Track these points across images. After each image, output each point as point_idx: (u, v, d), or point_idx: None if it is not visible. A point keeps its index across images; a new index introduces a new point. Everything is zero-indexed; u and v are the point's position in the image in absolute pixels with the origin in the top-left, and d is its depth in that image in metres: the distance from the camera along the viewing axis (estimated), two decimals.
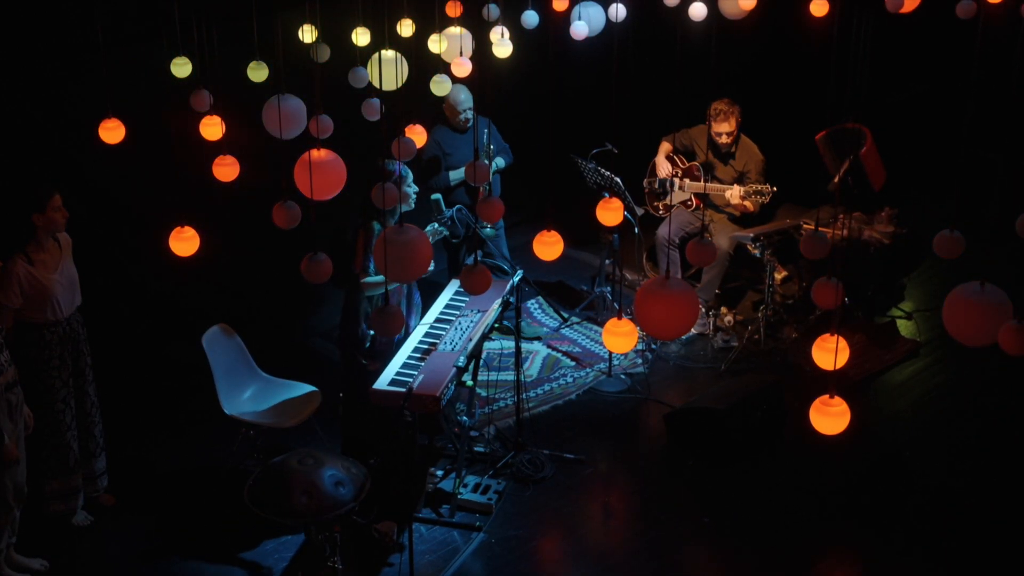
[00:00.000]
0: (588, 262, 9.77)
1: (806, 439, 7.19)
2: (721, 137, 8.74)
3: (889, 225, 9.08)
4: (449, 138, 8.33)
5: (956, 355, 8.41)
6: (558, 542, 6.52)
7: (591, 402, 7.98)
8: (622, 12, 7.49)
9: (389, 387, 6.19)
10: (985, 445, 7.48)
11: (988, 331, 3.74)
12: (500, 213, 4.93)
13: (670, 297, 3.69)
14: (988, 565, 6.35)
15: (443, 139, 8.30)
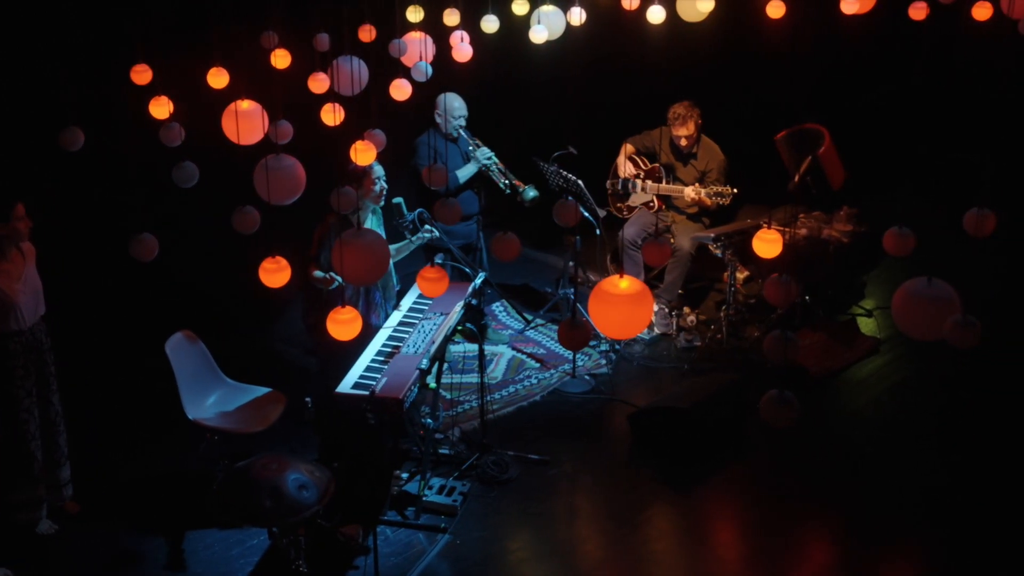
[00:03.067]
0: (552, 264, 9.83)
1: (769, 436, 7.32)
2: (681, 140, 8.82)
3: (848, 224, 9.19)
4: (442, 145, 8.38)
5: (916, 351, 8.53)
6: (523, 543, 6.56)
7: (556, 403, 8.03)
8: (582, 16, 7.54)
9: (352, 390, 6.22)
10: (946, 440, 7.57)
11: (935, 326, 3.81)
12: (457, 216, 4.97)
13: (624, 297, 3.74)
14: (952, 555, 6.43)
15: (438, 146, 8.34)
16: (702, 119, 8.82)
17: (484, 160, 8.29)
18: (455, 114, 8.32)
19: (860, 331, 8.95)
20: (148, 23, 6.01)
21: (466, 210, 8.42)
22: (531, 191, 8.29)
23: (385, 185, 6.95)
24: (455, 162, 8.35)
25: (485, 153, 8.30)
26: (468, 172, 8.36)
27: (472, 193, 8.45)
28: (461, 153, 8.44)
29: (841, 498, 6.94)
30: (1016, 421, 7.69)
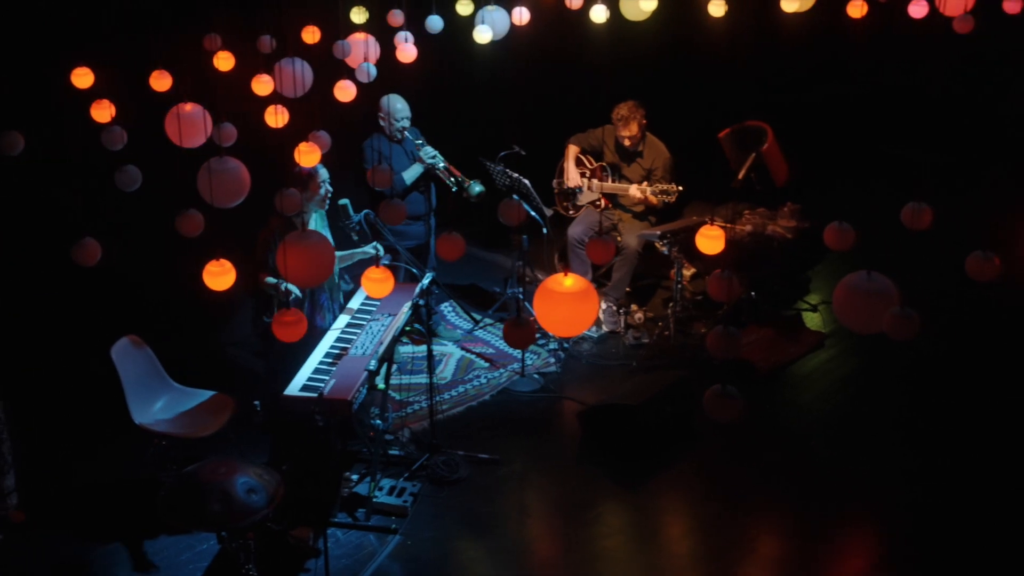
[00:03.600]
0: (500, 264, 9.86)
1: (718, 432, 7.39)
2: (625, 140, 8.87)
3: (792, 220, 9.30)
4: (387, 147, 8.37)
5: (860, 345, 8.65)
6: (475, 542, 6.57)
7: (505, 402, 8.05)
8: (525, 16, 7.57)
9: (301, 393, 6.21)
10: (890, 432, 7.68)
11: (875, 319, 3.87)
12: (402, 217, 4.98)
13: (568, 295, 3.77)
14: (900, 546, 6.53)
15: (383, 148, 8.34)
16: (646, 119, 8.87)
17: (429, 159, 8.29)
18: (398, 116, 8.31)
19: (805, 326, 9.06)
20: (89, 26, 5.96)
21: (414, 211, 8.44)
22: (477, 186, 8.31)
23: (330, 188, 6.94)
24: (401, 163, 8.35)
25: (429, 152, 8.30)
26: (414, 173, 8.35)
27: (419, 194, 8.45)
28: (407, 154, 8.43)
29: (789, 491, 7.02)
30: (961, 412, 7.81)
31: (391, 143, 8.36)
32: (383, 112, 8.31)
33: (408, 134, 8.37)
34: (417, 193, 8.45)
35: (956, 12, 6.81)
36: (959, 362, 8.45)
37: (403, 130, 8.35)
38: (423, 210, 8.52)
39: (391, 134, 8.37)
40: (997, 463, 7.22)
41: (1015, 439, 7.47)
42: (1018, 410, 7.80)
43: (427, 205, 8.52)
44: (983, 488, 6.98)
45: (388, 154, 8.32)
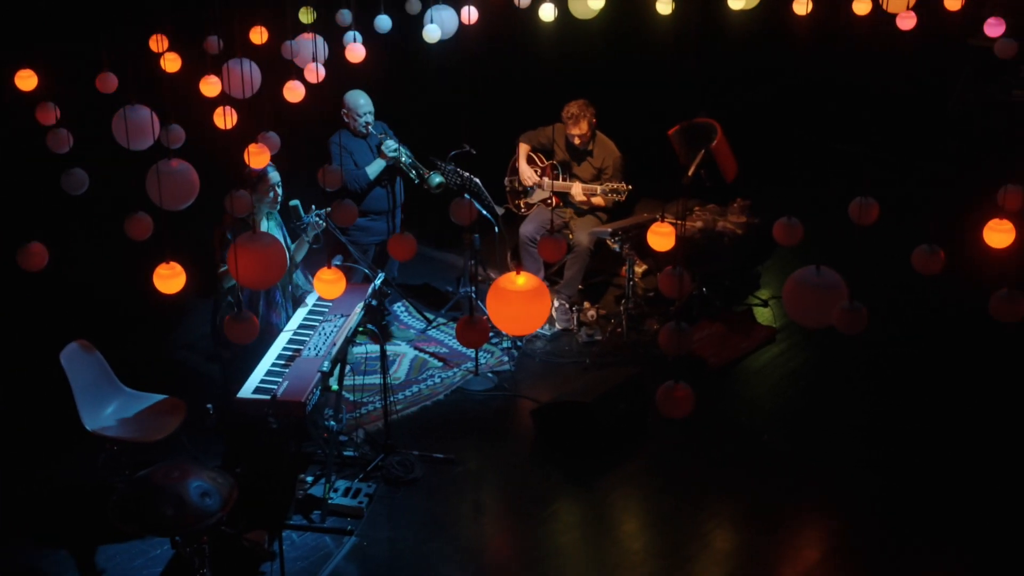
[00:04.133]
0: (452, 263, 9.86)
1: (671, 428, 7.43)
2: (575, 139, 8.90)
3: (742, 216, 9.36)
4: (352, 142, 8.36)
5: (811, 339, 8.74)
6: (431, 541, 6.56)
7: (459, 402, 8.05)
8: (474, 15, 7.58)
9: (254, 395, 6.18)
10: (842, 425, 7.77)
11: (824, 313, 3.92)
12: (353, 216, 4.97)
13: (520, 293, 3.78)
14: (850, 539, 6.60)
15: (347, 143, 8.33)
16: (596, 117, 8.90)
17: (391, 153, 8.27)
18: (360, 111, 8.29)
19: (756, 321, 9.13)
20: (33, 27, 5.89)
21: (379, 206, 8.44)
22: (436, 177, 8.32)
23: (280, 191, 6.90)
24: (366, 159, 8.34)
25: (391, 146, 8.28)
26: (377, 167, 8.34)
27: (382, 188, 8.43)
28: (371, 149, 8.42)
29: (742, 486, 7.08)
30: (912, 404, 7.91)
31: (356, 138, 8.35)
32: (346, 108, 8.30)
33: (373, 129, 8.35)
34: (380, 188, 8.43)
35: (899, 8, 6.91)
36: (909, 355, 8.56)
37: (367, 125, 8.33)
38: (387, 206, 8.50)
39: (355, 129, 8.35)
40: (949, 454, 7.32)
41: (966, 429, 7.58)
42: (968, 400, 7.91)
43: (391, 200, 8.51)
44: (936, 478, 7.07)
45: (356, 150, 8.31)
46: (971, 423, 7.66)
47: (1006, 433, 7.53)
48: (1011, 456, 7.28)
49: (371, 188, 8.35)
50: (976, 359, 8.39)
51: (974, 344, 8.44)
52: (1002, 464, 7.21)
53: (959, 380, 8.19)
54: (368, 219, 8.37)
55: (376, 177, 8.35)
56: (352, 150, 8.31)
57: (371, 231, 8.37)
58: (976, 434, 7.54)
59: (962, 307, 8.65)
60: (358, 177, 8.25)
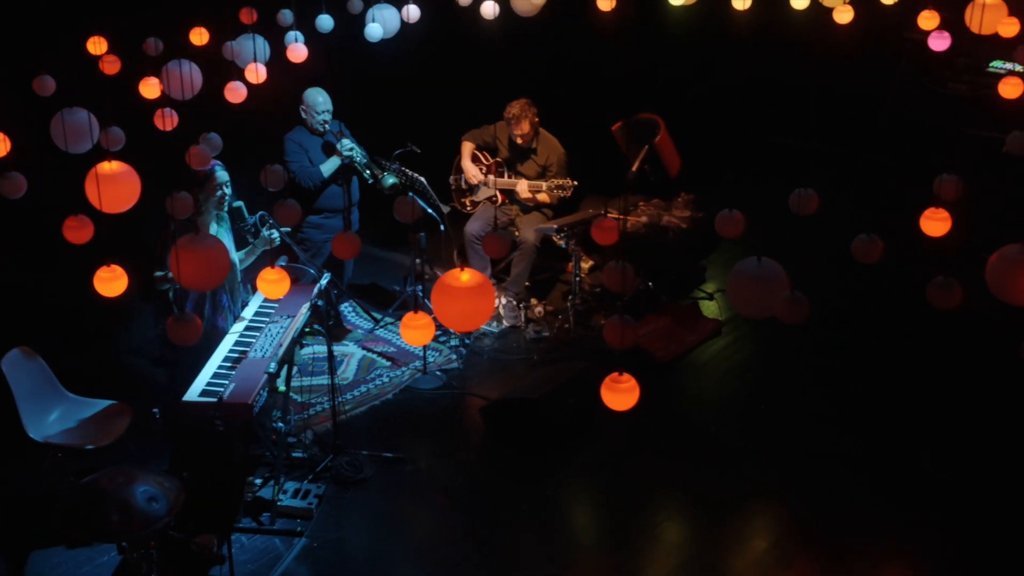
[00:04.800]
0: (399, 262, 9.85)
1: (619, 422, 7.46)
2: (518, 138, 8.93)
3: (686, 210, 9.44)
4: (308, 139, 8.34)
5: (756, 331, 8.83)
6: (381, 541, 6.55)
7: (408, 401, 8.04)
8: (415, 13, 7.59)
9: (200, 398, 6.13)
10: (789, 416, 7.85)
11: (767, 303, 3.96)
12: (296, 216, 4.95)
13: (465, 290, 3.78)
14: (797, 527, 6.68)
15: (303, 140, 8.31)
16: (539, 116, 8.92)
17: (346, 152, 8.24)
18: (318, 108, 8.27)
19: (703, 314, 9.20)
20: None
21: (334, 204, 8.42)
22: (390, 178, 8.30)
23: (228, 191, 6.85)
24: (322, 157, 8.33)
25: (346, 145, 8.25)
26: (332, 165, 8.32)
27: (337, 187, 8.41)
28: (327, 147, 8.39)
29: (691, 478, 7.13)
30: (857, 393, 8.02)
31: (312, 136, 8.32)
32: (305, 104, 8.28)
33: (330, 127, 8.32)
34: (335, 186, 8.41)
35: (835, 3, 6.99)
36: (851, 343, 8.67)
37: (325, 123, 8.30)
38: (342, 204, 8.48)
39: (312, 127, 8.32)
40: (895, 441, 7.43)
41: (910, 416, 7.69)
42: (910, 387, 8.03)
43: (346, 199, 8.48)
44: (884, 466, 7.17)
45: (311, 147, 8.28)
46: (914, 409, 7.78)
47: (948, 417, 7.66)
48: (955, 440, 7.40)
49: (325, 186, 8.34)
50: (915, 346, 8.52)
51: (912, 331, 8.56)
52: (947, 448, 7.33)
53: (900, 367, 8.32)
54: (323, 217, 8.35)
55: (331, 175, 8.32)
56: (308, 147, 8.30)
57: (325, 229, 8.36)
58: (920, 420, 7.66)
59: (900, 295, 8.78)
60: (312, 175, 8.23)
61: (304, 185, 8.19)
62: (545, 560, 6.48)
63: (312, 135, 8.35)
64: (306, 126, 8.36)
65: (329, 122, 8.31)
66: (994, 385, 7.91)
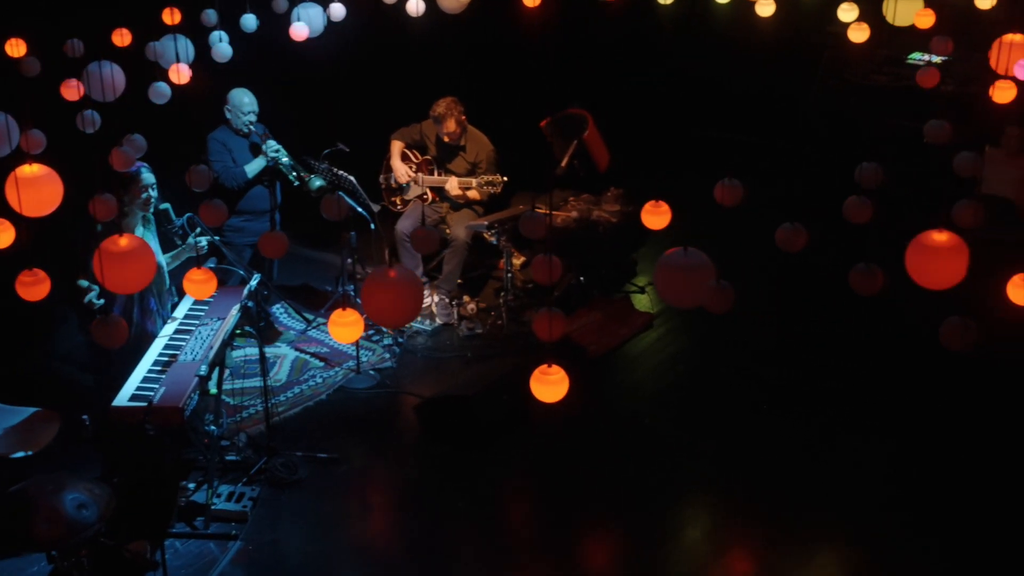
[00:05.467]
0: (330, 262, 9.80)
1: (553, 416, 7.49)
2: (445, 137, 8.94)
3: (616, 204, 9.50)
4: (233, 140, 8.26)
5: (687, 323, 8.91)
6: (317, 542, 6.53)
7: (342, 401, 8.01)
8: (341, 11, 7.56)
9: (129, 403, 6.06)
10: (722, 404, 7.94)
11: (694, 293, 4.00)
12: (223, 217, 4.91)
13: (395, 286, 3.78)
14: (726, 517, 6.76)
15: (227, 140, 8.23)
16: (466, 113, 8.93)
17: (272, 153, 8.18)
18: (244, 109, 8.20)
19: (634, 307, 9.27)
20: None
21: (257, 206, 8.36)
22: (317, 180, 8.26)
23: (154, 193, 6.78)
24: (246, 157, 8.26)
25: (272, 146, 8.19)
26: (256, 167, 8.25)
27: (263, 188, 8.34)
28: (251, 149, 8.33)
29: (626, 470, 7.19)
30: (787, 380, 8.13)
31: (237, 136, 8.25)
32: (230, 105, 8.20)
33: (254, 128, 8.25)
34: (260, 188, 8.34)
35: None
36: (780, 331, 8.79)
37: (250, 124, 8.23)
38: (266, 206, 8.41)
39: (238, 128, 8.25)
40: (824, 428, 7.54)
41: (838, 402, 7.82)
42: (837, 372, 8.16)
43: (271, 200, 8.42)
44: (812, 452, 7.28)
45: (236, 148, 8.22)
46: (842, 394, 7.91)
47: (877, 402, 7.79)
48: (880, 425, 7.54)
49: (249, 188, 8.27)
50: (841, 331, 8.66)
51: (838, 317, 8.69)
52: (874, 433, 7.46)
53: (827, 353, 8.44)
54: (243, 219, 8.27)
55: (255, 177, 8.26)
56: (232, 147, 8.23)
57: (247, 232, 8.27)
58: (850, 403, 7.78)
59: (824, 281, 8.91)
60: (236, 175, 8.17)
61: (227, 186, 8.11)
62: (482, 556, 6.49)
63: (237, 136, 8.28)
64: (230, 126, 8.29)
65: (254, 123, 8.25)
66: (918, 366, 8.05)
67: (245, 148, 8.31)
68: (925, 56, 11.15)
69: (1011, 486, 6.91)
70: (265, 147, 8.20)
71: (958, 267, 3.66)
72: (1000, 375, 7.86)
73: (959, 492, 6.87)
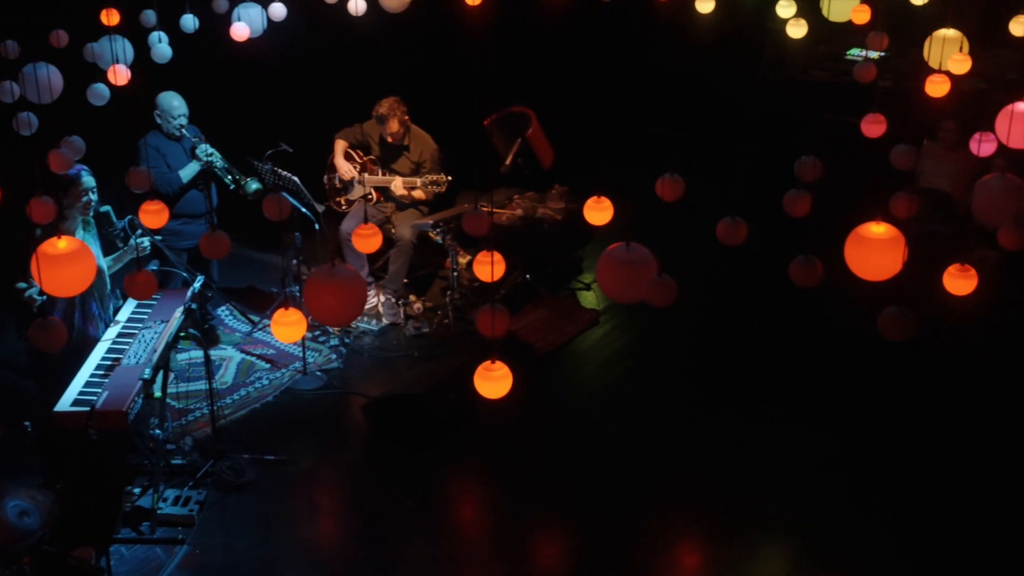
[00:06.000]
0: (275, 264, 9.73)
1: (501, 414, 7.51)
2: (388, 137, 8.92)
3: (561, 202, 9.53)
4: (165, 144, 8.16)
5: (633, 318, 8.96)
6: (266, 544, 6.49)
7: (289, 402, 7.97)
8: (281, 11, 7.52)
9: (72, 408, 5.99)
10: (667, 400, 8.00)
11: (636, 287, 4.04)
12: (165, 219, 4.88)
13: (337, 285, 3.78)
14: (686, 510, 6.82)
15: (160, 145, 8.12)
16: (408, 113, 8.92)
17: (205, 157, 8.11)
18: (174, 113, 8.12)
19: (580, 304, 9.30)
20: None
21: (193, 209, 8.27)
22: (253, 183, 8.21)
23: (94, 196, 6.71)
24: (179, 161, 8.17)
25: (206, 150, 8.12)
26: (191, 170, 8.17)
27: (198, 192, 8.27)
28: (185, 151, 8.25)
29: (574, 466, 7.22)
30: (728, 374, 8.21)
31: (169, 140, 8.17)
32: (159, 109, 8.11)
33: (186, 132, 8.18)
34: (196, 191, 8.27)
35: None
36: (722, 324, 8.87)
37: (181, 127, 8.16)
38: (202, 209, 8.34)
39: (169, 132, 8.17)
40: (771, 419, 7.63)
41: (784, 394, 7.90)
42: (784, 365, 8.25)
43: (207, 204, 8.35)
44: (759, 445, 7.36)
45: (169, 152, 8.13)
46: (785, 387, 7.99)
47: (820, 394, 7.89)
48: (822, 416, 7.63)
49: (184, 191, 8.19)
50: (783, 324, 8.75)
51: (779, 309, 8.77)
52: (816, 424, 7.55)
53: (770, 345, 8.53)
54: (180, 223, 8.17)
55: (190, 181, 8.19)
56: (164, 152, 8.14)
57: (184, 235, 8.17)
58: (791, 396, 7.88)
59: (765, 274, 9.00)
60: (170, 180, 8.08)
61: (162, 191, 7.99)
62: (432, 555, 6.50)
63: (169, 140, 8.19)
64: (161, 131, 8.20)
65: (186, 126, 8.18)
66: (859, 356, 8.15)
67: (179, 152, 8.23)
68: (863, 52, 11.29)
69: (952, 471, 7.03)
70: (199, 151, 8.13)
71: (895, 259, 3.73)
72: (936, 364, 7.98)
73: (901, 480, 6.98)
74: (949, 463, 7.13)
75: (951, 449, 7.27)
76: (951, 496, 6.83)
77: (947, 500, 6.80)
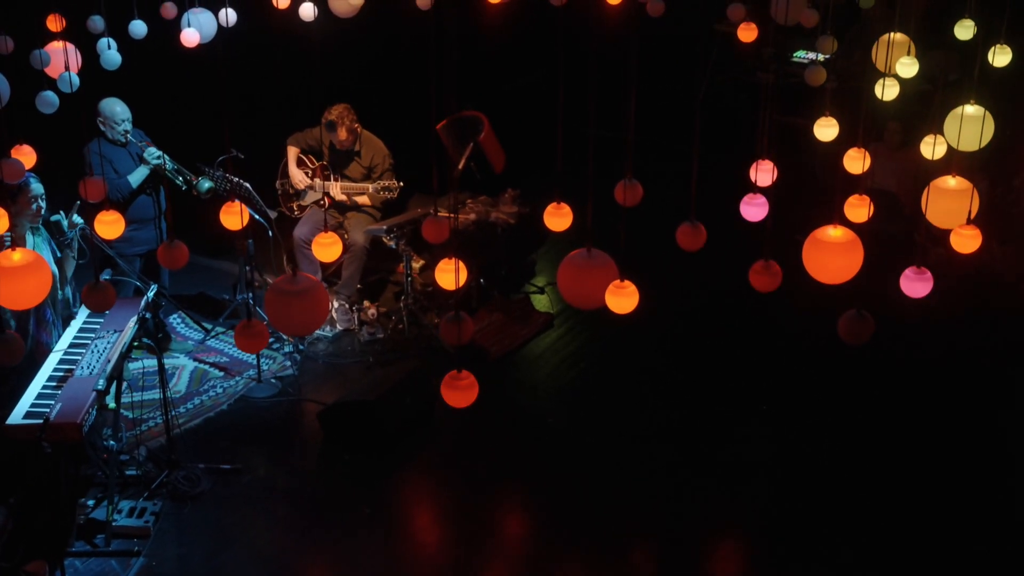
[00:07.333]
0: (227, 270, 9.67)
1: (456, 419, 7.51)
2: (338, 144, 8.90)
3: (513, 205, 9.55)
4: (111, 151, 8.07)
5: (586, 322, 9.00)
6: (222, 553, 6.44)
7: (244, 410, 7.91)
8: (232, 17, 7.45)
9: (24, 420, 5.91)
10: (623, 402, 8.04)
11: (597, 293, 4.05)
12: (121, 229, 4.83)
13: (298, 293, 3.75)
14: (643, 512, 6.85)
15: (105, 151, 8.00)
16: (360, 118, 8.90)
17: (154, 160, 8.04)
18: (117, 119, 8.03)
19: (534, 308, 9.32)
20: None
21: (143, 214, 8.19)
22: (205, 182, 8.15)
23: (43, 204, 6.63)
24: (127, 167, 8.09)
25: (154, 153, 8.05)
26: (140, 175, 8.10)
27: (147, 196, 8.19)
28: (132, 157, 8.16)
29: (529, 470, 7.25)
30: (683, 376, 8.26)
31: (115, 147, 8.08)
32: (102, 116, 8.02)
33: (132, 136, 8.10)
34: (145, 196, 8.19)
35: None
36: (680, 328, 8.93)
37: (126, 133, 8.07)
38: (151, 214, 8.26)
39: (114, 138, 8.08)
40: (726, 421, 7.69)
41: (740, 397, 7.97)
42: (739, 371, 8.32)
43: (156, 208, 8.27)
44: (712, 448, 7.42)
45: (116, 158, 8.04)
46: (742, 390, 8.06)
47: (777, 397, 7.96)
48: (778, 418, 7.71)
49: (134, 197, 8.12)
50: (740, 327, 8.83)
51: (738, 313, 8.85)
52: (771, 425, 7.63)
53: (727, 348, 8.60)
54: (131, 229, 8.06)
55: (139, 185, 8.12)
56: (111, 158, 8.05)
57: (135, 241, 8.09)
58: (747, 398, 7.94)
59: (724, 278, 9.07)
60: (120, 186, 8.00)
61: (112, 198, 7.90)
62: (388, 561, 6.48)
63: (115, 146, 8.11)
64: (106, 137, 8.11)
65: (130, 131, 8.11)
66: (817, 359, 8.24)
67: (125, 157, 8.14)
68: (810, 54, 11.42)
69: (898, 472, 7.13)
70: (147, 154, 8.06)
71: (854, 261, 3.78)
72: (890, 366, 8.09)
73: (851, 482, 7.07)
74: (899, 462, 7.23)
75: (899, 448, 7.37)
76: (911, 503, 6.93)
77: (901, 504, 6.89)
